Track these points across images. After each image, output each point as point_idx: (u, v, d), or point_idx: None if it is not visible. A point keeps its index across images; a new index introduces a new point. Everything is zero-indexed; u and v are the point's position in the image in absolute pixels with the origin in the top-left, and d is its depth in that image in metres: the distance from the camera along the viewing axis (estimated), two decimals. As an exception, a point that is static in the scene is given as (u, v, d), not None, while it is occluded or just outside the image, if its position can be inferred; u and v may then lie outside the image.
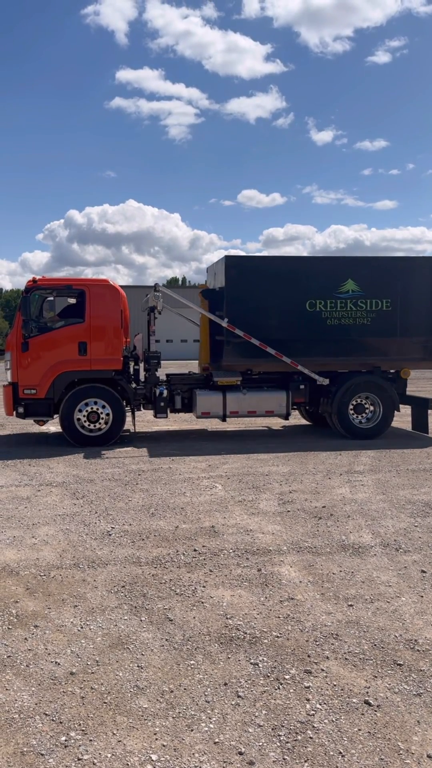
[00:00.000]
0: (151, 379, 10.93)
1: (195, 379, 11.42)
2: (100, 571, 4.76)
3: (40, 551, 5.23)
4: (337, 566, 4.89)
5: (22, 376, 10.27)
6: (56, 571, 4.79)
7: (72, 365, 10.29)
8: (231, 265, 10.66)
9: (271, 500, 6.84)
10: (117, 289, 10.65)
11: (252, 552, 5.18)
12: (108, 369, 10.41)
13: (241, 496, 7.00)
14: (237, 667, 3.42)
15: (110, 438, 10.38)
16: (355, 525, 5.94)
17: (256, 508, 6.53)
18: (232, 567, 4.85)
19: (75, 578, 4.64)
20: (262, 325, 10.63)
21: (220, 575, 4.69)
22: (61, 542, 5.46)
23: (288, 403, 10.98)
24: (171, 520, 6.09)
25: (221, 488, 7.41)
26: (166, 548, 5.28)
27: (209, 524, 5.95)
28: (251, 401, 10.87)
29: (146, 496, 7.04)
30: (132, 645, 3.65)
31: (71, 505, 6.69)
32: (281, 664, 3.45)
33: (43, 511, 6.46)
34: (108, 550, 5.23)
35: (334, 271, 10.84)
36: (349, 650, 3.60)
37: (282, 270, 10.83)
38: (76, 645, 3.64)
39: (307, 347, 10.83)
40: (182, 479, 7.89)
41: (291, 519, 6.13)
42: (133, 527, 5.87)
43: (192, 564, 4.91)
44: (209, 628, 3.84)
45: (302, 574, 4.72)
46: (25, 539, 5.55)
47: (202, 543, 5.40)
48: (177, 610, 4.10)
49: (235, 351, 10.69)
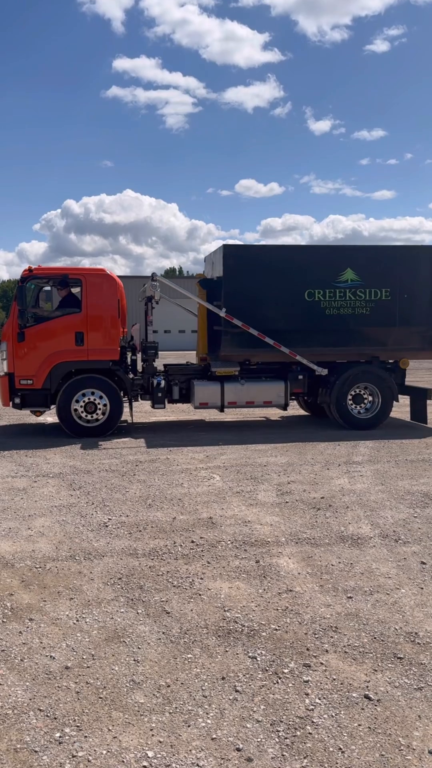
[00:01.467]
0: (149, 370, 10.86)
1: (193, 369, 11.34)
2: (97, 563, 4.70)
3: (36, 543, 5.17)
4: (335, 558, 4.84)
5: (18, 366, 10.18)
6: (52, 563, 4.73)
7: (69, 355, 10.20)
8: (229, 254, 10.55)
9: (270, 491, 6.78)
10: (114, 278, 10.55)
11: (250, 543, 5.13)
12: (105, 359, 10.32)
13: (239, 487, 6.94)
14: (235, 660, 3.36)
15: (107, 429, 10.30)
16: (353, 516, 5.88)
17: (254, 499, 6.48)
18: (230, 559, 4.80)
19: (71, 570, 4.58)
20: (260, 315, 10.54)
21: (217, 567, 4.63)
22: (58, 534, 5.40)
23: (286, 393, 10.91)
24: (168, 512, 6.03)
25: (219, 479, 7.35)
26: (164, 540, 5.23)
27: (207, 515, 5.90)
28: (249, 392, 10.80)
29: (143, 487, 6.98)
30: (128, 638, 3.59)
31: (68, 496, 6.63)
32: (280, 657, 3.39)
33: (39, 503, 6.39)
34: (104, 542, 5.17)
35: (332, 261, 10.74)
36: (348, 643, 3.55)
37: (280, 259, 10.72)
38: (72, 638, 3.59)
39: (306, 337, 10.75)
40: (180, 470, 7.83)
41: (289, 510, 6.07)
42: (130, 518, 5.81)
43: (189, 556, 4.86)
44: (207, 621, 3.79)
45: (301, 566, 4.66)
46: (20, 531, 5.49)
47: (200, 534, 5.35)
48: (174, 602, 4.05)
49: (233, 341, 10.60)
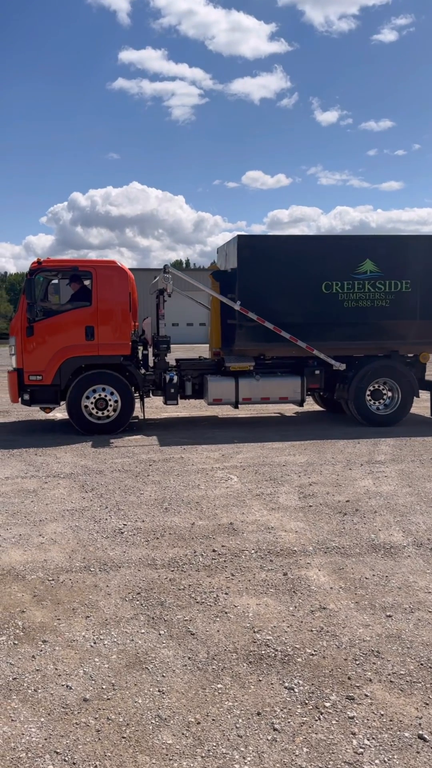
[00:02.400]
0: (161, 365, 10.54)
1: (206, 364, 11.01)
2: (113, 575, 4.40)
3: (48, 552, 4.87)
4: (369, 569, 4.51)
5: (27, 361, 9.88)
6: (65, 575, 4.42)
7: (79, 350, 9.89)
8: (244, 245, 10.18)
9: (291, 494, 6.46)
10: (125, 270, 10.21)
11: (275, 553, 4.80)
12: (116, 354, 10.00)
13: (258, 489, 6.62)
14: (270, 692, 3.05)
15: (119, 426, 10.00)
16: (383, 521, 5.55)
17: (275, 502, 6.15)
18: (255, 570, 4.48)
19: (86, 583, 4.27)
20: (275, 307, 10.18)
21: (243, 580, 4.31)
22: (71, 541, 5.10)
23: (303, 389, 10.56)
24: (186, 516, 5.72)
25: (237, 480, 7.04)
26: (183, 548, 4.91)
27: (227, 521, 5.58)
28: (265, 387, 10.46)
29: (158, 488, 6.67)
30: (151, 664, 3.28)
31: (80, 499, 6.33)
32: (319, 688, 3.08)
33: (50, 506, 6.10)
34: (120, 551, 4.86)
35: (351, 251, 10.35)
36: (393, 671, 3.23)
37: (297, 250, 10.34)
38: (90, 664, 3.28)
39: (323, 331, 10.39)
40: (195, 470, 7.51)
41: (314, 515, 5.74)
42: (147, 524, 5.50)
43: (212, 567, 4.54)
44: (235, 644, 3.47)
45: (332, 579, 4.34)
46: (31, 538, 5.19)
47: (221, 542, 5.03)
48: (198, 621, 3.73)
49: (248, 335, 10.25)
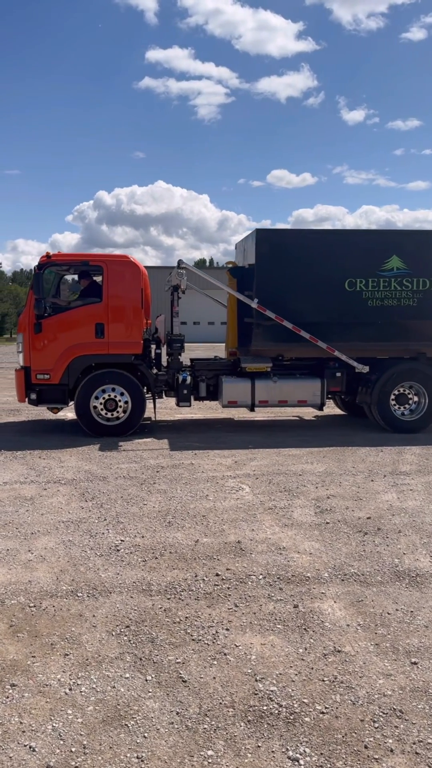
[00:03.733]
0: (174, 365, 10.06)
1: (221, 364, 10.51)
2: (102, 603, 3.92)
3: (34, 571, 4.42)
4: (392, 602, 3.97)
5: (34, 359, 9.48)
6: (49, 600, 3.96)
7: (88, 348, 9.46)
8: (262, 239, 9.65)
9: (307, 508, 5.92)
10: (137, 265, 9.75)
11: (286, 579, 4.28)
12: (127, 353, 9.56)
13: (271, 502, 6.10)
14: (271, 763, 2.54)
15: (129, 428, 9.55)
16: (408, 543, 4.99)
17: (289, 517, 5.63)
18: (262, 601, 3.96)
19: (70, 612, 3.80)
20: (295, 306, 9.64)
21: (247, 612, 3.80)
22: (61, 559, 4.64)
23: (323, 392, 10.00)
24: (190, 532, 5.23)
25: (248, 491, 6.53)
26: (183, 571, 4.42)
27: (234, 538, 5.07)
28: (282, 390, 9.92)
29: (164, 498, 6.20)
30: (132, 720, 2.80)
31: (78, 509, 5.88)
32: (329, 759, 2.56)
33: (45, 516, 5.66)
34: (113, 572, 4.38)
35: (377, 247, 9.76)
36: (419, 738, 2.69)
37: (319, 245, 9.78)
38: (61, 718, 2.80)
39: (345, 331, 9.82)
40: (205, 478, 7.02)
41: (331, 534, 5.21)
42: (146, 540, 5.03)
43: (213, 595, 4.04)
44: (233, 696, 2.97)
45: (349, 614, 3.81)
46: (19, 554, 4.75)
47: (226, 565, 4.53)
48: (192, 665, 3.24)
49: (266, 334, 9.73)
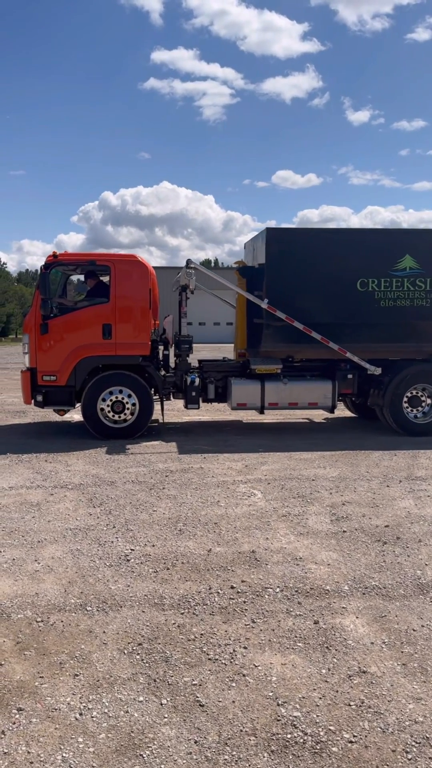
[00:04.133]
0: (182, 366, 9.89)
1: (230, 366, 10.32)
2: (112, 617, 3.74)
3: (42, 582, 4.24)
4: (416, 618, 3.78)
5: (41, 360, 9.32)
6: (57, 614, 3.78)
7: (95, 350, 9.30)
8: (273, 238, 9.46)
9: (322, 515, 5.73)
10: (145, 265, 9.58)
11: (304, 593, 4.09)
12: (134, 354, 9.39)
13: (285, 509, 5.91)
14: (297, 800, 2.36)
15: (136, 430, 9.39)
16: (430, 554, 4.80)
17: (304, 525, 5.44)
18: (280, 616, 3.78)
19: (80, 627, 3.63)
20: (306, 306, 9.45)
21: (265, 629, 3.62)
22: (69, 569, 4.46)
23: (334, 394, 9.81)
24: (202, 540, 5.05)
25: (261, 496, 6.34)
26: (197, 583, 4.24)
27: (249, 548, 4.89)
28: (293, 392, 9.73)
29: (174, 505, 6.02)
30: (147, 749, 2.61)
31: (86, 515, 5.71)
32: (361, 796, 2.37)
33: (52, 523, 5.49)
34: (124, 584, 4.21)
35: (389, 246, 9.56)
36: (456, 772, 2.51)
37: (330, 244, 9.58)
38: (71, 747, 2.63)
39: (357, 332, 9.63)
40: (215, 483, 6.84)
41: (349, 543, 5.02)
42: (157, 549, 4.85)
43: (229, 610, 3.86)
44: (255, 722, 2.79)
45: (373, 630, 3.62)
46: (26, 564, 4.58)
47: (241, 576, 4.34)
48: (210, 687, 3.05)
49: (276, 335, 9.54)
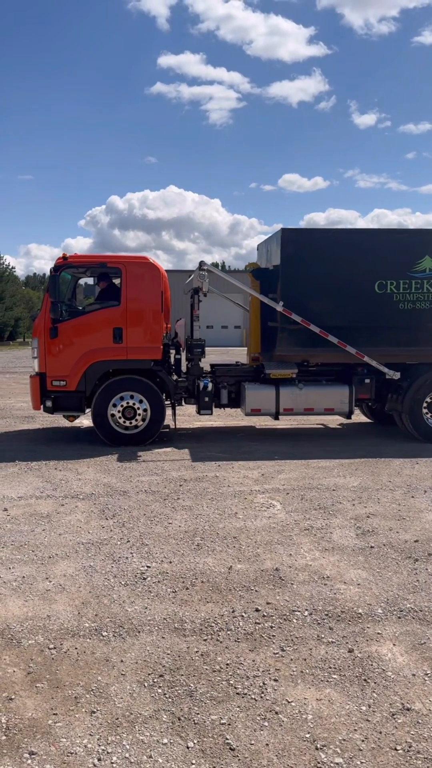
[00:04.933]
0: (195, 371, 9.62)
1: (243, 370, 10.05)
2: (130, 644, 3.47)
3: (53, 603, 3.98)
4: (458, 646, 3.49)
5: (50, 365, 9.08)
6: (71, 640, 3.52)
7: (106, 354, 9.05)
8: (288, 239, 9.20)
9: (346, 528, 5.45)
10: (157, 267, 9.33)
11: (335, 616, 3.81)
12: (146, 358, 9.13)
13: (306, 521, 5.63)
14: None
15: (148, 437, 9.13)
16: (464, 572, 4.51)
17: (329, 540, 5.16)
18: (311, 643, 3.50)
19: (95, 656, 3.36)
20: (322, 309, 9.18)
21: (296, 658, 3.34)
22: (82, 589, 4.20)
23: (351, 399, 9.52)
24: (222, 557, 4.78)
25: (280, 508, 6.06)
26: (219, 605, 3.96)
27: (272, 565, 4.61)
28: (309, 397, 9.45)
29: (190, 517, 5.75)
30: (174, 803, 2.35)
31: (99, 528, 5.45)
32: None
33: (63, 537, 5.23)
34: (141, 606, 3.94)
35: (408, 247, 9.27)
36: None
37: (347, 245, 9.30)
38: (89, 799, 2.36)
39: (374, 335, 9.35)
40: (232, 493, 6.57)
41: (378, 560, 4.73)
42: (174, 566, 4.58)
43: (255, 636, 3.58)
44: (292, 771, 2.51)
45: (413, 660, 3.33)
46: (36, 582, 4.32)
47: (266, 597, 4.06)
48: (240, 726, 2.78)
49: (291, 339, 9.27)
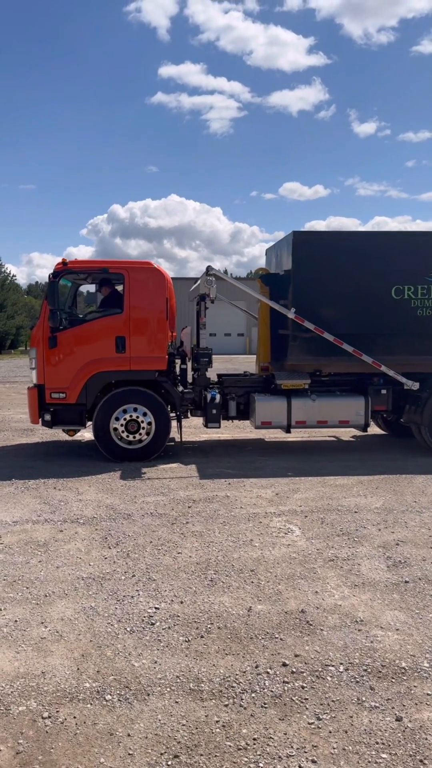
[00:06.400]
0: (201, 381, 9.12)
1: (252, 381, 9.56)
2: (138, 711, 2.95)
3: (49, 656, 3.47)
4: None
5: (49, 376, 8.59)
6: (69, 706, 3.00)
7: (108, 364, 8.56)
8: (300, 243, 8.72)
9: (375, 559, 4.93)
10: (162, 272, 8.85)
11: (376, 672, 3.29)
12: (150, 369, 8.63)
13: (330, 550, 5.11)
14: None
15: (152, 452, 8.62)
16: None
17: (357, 574, 4.63)
18: (351, 709, 2.97)
19: (97, 727, 2.84)
20: (335, 315, 8.71)
21: (335, 730, 2.82)
22: (82, 636, 3.68)
23: (367, 411, 9.02)
24: (239, 594, 4.26)
25: (300, 534, 5.55)
26: (239, 657, 3.44)
27: (296, 605, 4.09)
28: (322, 409, 8.94)
29: (201, 545, 5.23)
30: None
31: (100, 559, 4.93)
32: None
33: (61, 570, 4.71)
34: (150, 659, 3.42)
35: (427, 250, 8.80)
36: None
37: (362, 249, 8.82)
38: None
39: (390, 343, 8.87)
40: (245, 516, 6.05)
41: (415, 598, 4.20)
42: (186, 607, 4.06)
43: (284, 699, 3.06)
44: None
45: (473, 732, 2.81)
46: (30, 627, 3.80)
47: (293, 648, 3.54)
48: None
49: (303, 348, 8.79)
